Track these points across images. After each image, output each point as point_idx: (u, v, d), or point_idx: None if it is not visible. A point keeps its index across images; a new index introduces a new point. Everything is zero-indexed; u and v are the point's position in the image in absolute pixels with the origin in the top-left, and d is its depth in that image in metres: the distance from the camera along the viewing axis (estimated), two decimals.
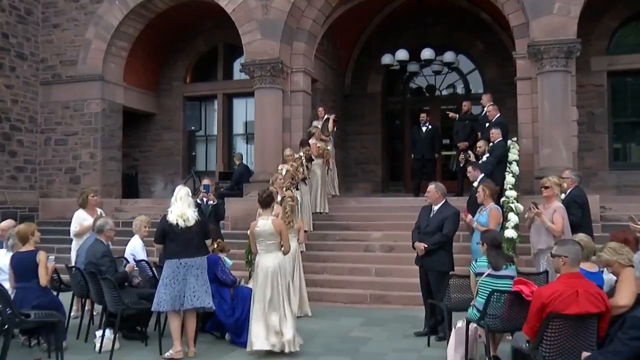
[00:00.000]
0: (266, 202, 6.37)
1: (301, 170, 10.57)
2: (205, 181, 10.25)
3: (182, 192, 6.18)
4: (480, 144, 10.08)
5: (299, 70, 12.39)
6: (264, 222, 6.16)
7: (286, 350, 6.03)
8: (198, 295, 6.01)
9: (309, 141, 11.38)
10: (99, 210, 8.53)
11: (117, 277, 6.52)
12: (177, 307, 6.02)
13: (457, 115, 12.10)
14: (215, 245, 6.86)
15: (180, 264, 6.01)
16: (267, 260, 6.10)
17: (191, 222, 6.06)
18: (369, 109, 15.98)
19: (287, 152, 10.91)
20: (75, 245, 8.10)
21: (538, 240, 6.83)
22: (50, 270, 6.17)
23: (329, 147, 11.45)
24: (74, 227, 8.24)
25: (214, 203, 9.78)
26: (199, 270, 6.08)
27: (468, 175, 8.67)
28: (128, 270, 6.87)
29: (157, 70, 16.00)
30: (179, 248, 6.05)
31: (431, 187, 7.04)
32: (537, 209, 6.78)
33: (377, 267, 9.69)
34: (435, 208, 6.94)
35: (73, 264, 7.51)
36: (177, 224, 6.03)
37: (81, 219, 8.24)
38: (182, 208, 6.07)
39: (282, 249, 6.16)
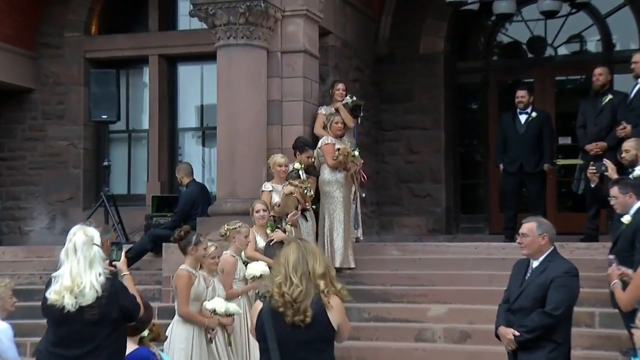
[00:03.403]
0: (181, 246, 8.44)
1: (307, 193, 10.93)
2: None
3: (78, 240, 5.92)
4: (630, 145, 10.10)
5: (296, 14, 12.47)
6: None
7: None
8: None
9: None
10: None
11: None
12: None
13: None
14: (146, 333, 6.82)
15: None
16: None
17: (89, 299, 5.76)
18: (424, 82, 16.00)
19: (278, 159, 11.08)
20: None
21: None
22: None
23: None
24: None
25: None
26: None
27: (613, 203, 8.67)
28: None
29: (35, 13, 16.06)
30: (54, 349, 5.93)
31: (531, 225, 7.04)
32: None
33: None
34: (535, 264, 7.05)
35: None
36: (59, 304, 5.79)
37: None
38: (76, 271, 5.82)
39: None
